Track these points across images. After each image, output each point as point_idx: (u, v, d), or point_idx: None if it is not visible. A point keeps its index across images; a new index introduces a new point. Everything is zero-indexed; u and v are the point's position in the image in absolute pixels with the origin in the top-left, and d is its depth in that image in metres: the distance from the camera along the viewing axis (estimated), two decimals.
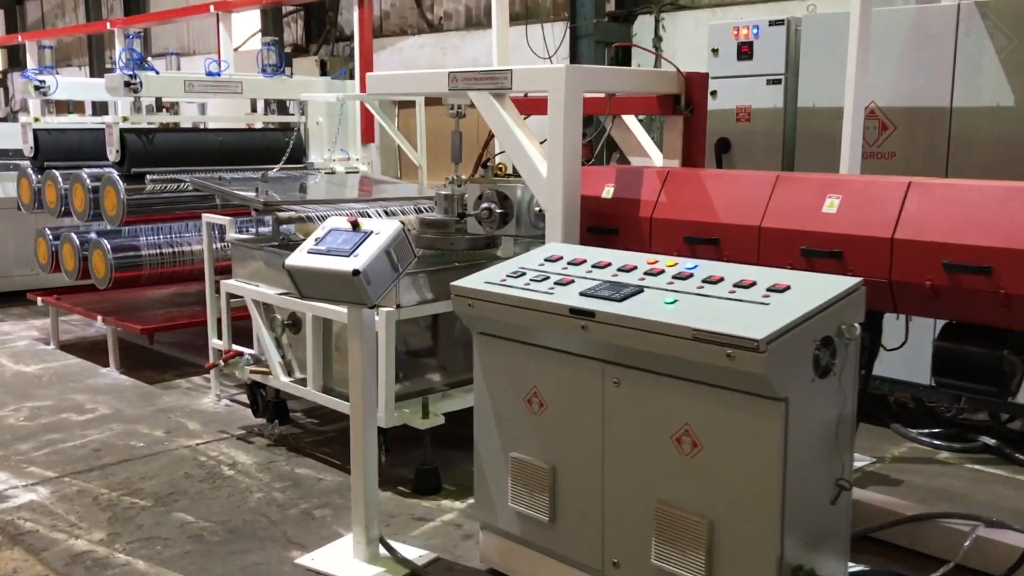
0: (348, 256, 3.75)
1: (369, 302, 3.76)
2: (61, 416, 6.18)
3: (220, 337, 6.11)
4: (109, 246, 7.08)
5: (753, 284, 3.21)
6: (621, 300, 3.27)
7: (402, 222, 3.91)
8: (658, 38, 8.90)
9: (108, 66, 16.52)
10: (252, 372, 5.63)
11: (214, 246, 7.25)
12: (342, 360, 5.18)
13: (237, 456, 5.42)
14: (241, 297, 5.72)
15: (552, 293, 3.48)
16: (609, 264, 3.64)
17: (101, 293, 7.97)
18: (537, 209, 4.98)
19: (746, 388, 2.95)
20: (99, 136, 8.04)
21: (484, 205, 4.98)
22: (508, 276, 3.73)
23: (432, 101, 7.95)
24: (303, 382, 5.40)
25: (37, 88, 7.85)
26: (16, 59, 20.23)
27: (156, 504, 4.75)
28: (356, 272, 3.67)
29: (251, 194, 5.93)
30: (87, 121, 8.99)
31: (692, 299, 3.20)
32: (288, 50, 12.61)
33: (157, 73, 6.95)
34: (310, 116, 7.81)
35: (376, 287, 3.75)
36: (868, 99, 5.22)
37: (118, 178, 6.85)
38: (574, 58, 9.10)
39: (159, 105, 7.19)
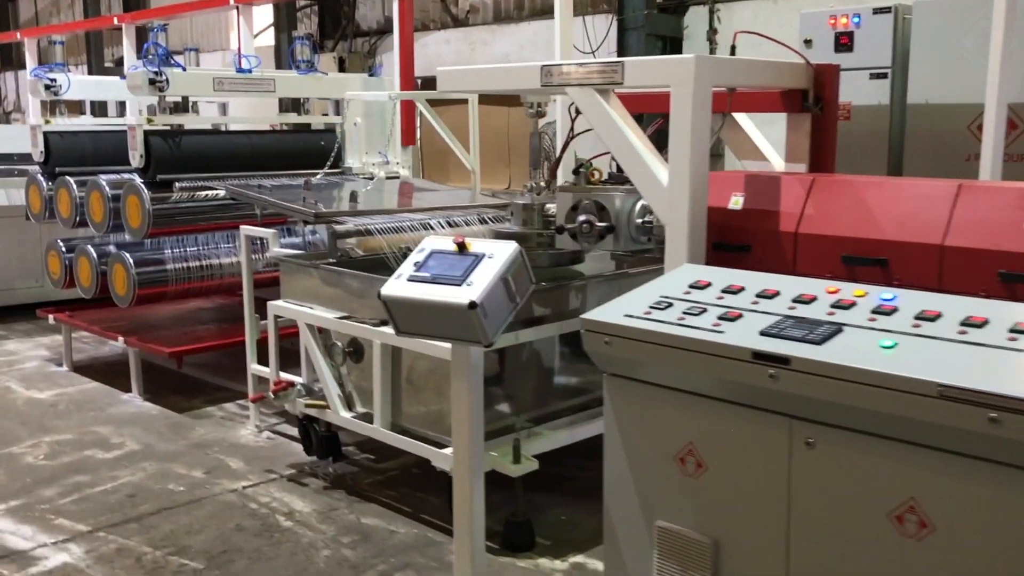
0: (459, 284, 3.12)
1: (485, 340, 3.13)
2: (85, 453, 5.53)
3: (263, 363, 5.47)
4: (131, 260, 6.43)
5: (986, 322, 2.59)
6: (821, 343, 2.65)
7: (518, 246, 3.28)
8: (712, 30, 8.29)
9: (108, 64, 15.82)
10: (307, 406, 4.99)
11: (240, 259, 6.65)
12: (415, 394, 4.55)
13: (292, 502, 4.78)
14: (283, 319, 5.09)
15: (721, 331, 2.85)
16: (778, 293, 3.02)
17: (115, 308, 7.30)
18: (639, 222, 4.36)
19: (1004, 459, 2.34)
20: (116, 139, 7.41)
21: (583, 217, 4.35)
22: (652, 308, 3.10)
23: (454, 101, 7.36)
24: (367, 417, 4.77)
25: (48, 87, 7.18)
26: (8, 59, 19.49)
27: (210, 567, 4.11)
28: (473, 305, 3.04)
29: (298, 204, 5.29)
30: (101, 123, 8.32)
31: (913, 342, 2.59)
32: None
33: (184, 70, 6.30)
34: (347, 117, 7.17)
35: (493, 322, 3.13)
36: (1012, 95, 4.62)
37: (142, 186, 6.20)
38: (621, 52, 8.49)
39: (184, 105, 6.54)
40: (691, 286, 3.21)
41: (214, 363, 7.15)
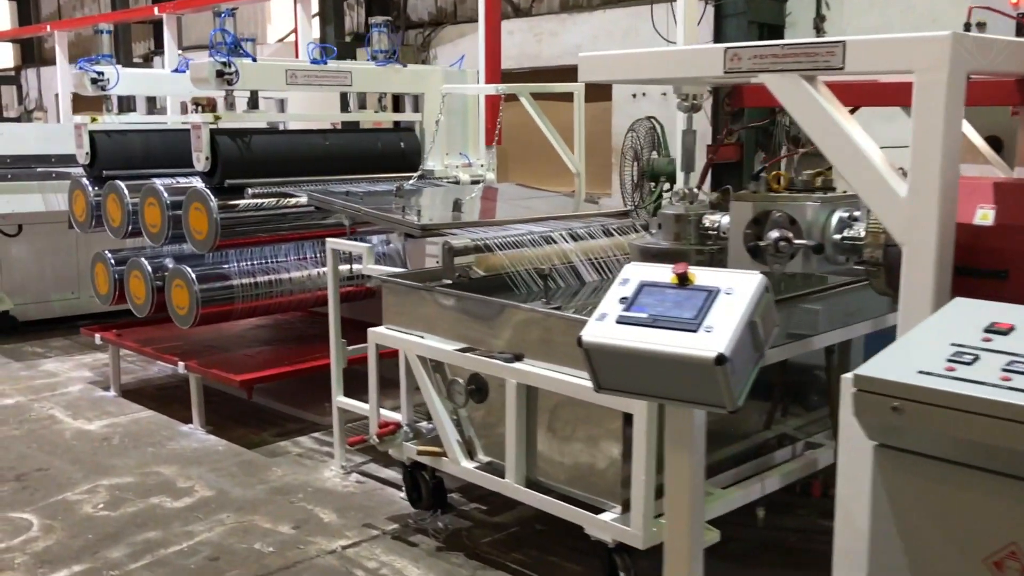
0: (695, 330, 2.38)
1: (730, 403, 2.39)
2: (151, 501, 4.80)
3: (354, 396, 4.75)
4: (194, 276, 5.71)
5: None
6: None
7: (763, 277, 2.54)
8: (820, 17, 7.53)
9: (136, 60, 15.12)
10: (420, 453, 4.25)
11: (310, 273, 5.95)
12: (557, 443, 3.81)
13: (405, 569, 4.04)
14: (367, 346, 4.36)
15: None
16: None
17: (164, 324, 6.60)
18: (837, 238, 3.60)
19: None
20: (169, 139, 6.71)
21: (776, 234, 3.59)
22: (953, 361, 2.35)
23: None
24: (494, 469, 4.04)
25: (94, 81, 6.46)
26: (30, 55, 18.82)
27: None
28: (721, 359, 2.30)
29: (397, 214, 4.56)
30: (150, 120, 7.61)
31: None
32: (348, 39, 11.24)
33: (254, 60, 5.56)
34: (427, 114, 6.44)
35: (738, 378, 2.39)
36: None
37: (209, 193, 5.47)
38: (719, 39, 7.73)
39: (253, 100, 5.81)
40: (989, 331, 2.46)
41: (279, 388, 6.42)
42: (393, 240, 6.59)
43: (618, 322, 2.49)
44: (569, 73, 9.32)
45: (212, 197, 5.45)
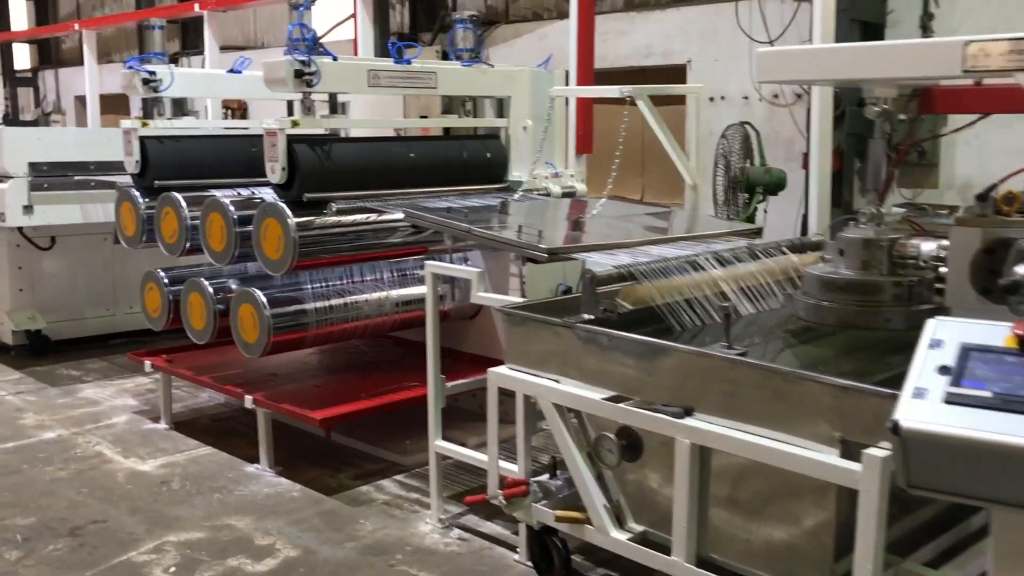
0: None
1: None
2: (229, 563, 4.19)
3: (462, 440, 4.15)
4: (265, 300, 5.10)
5: None
6: None
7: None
8: (927, 15, 6.92)
9: None
10: (559, 519, 3.63)
11: (388, 295, 5.35)
12: (739, 517, 3.19)
13: None
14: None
15: None
16: None
17: (218, 349, 6.01)
18: None
19: None
20: (230, 147, 6.12)
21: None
22: None
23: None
24: (649, 541, 3.42)
25: (146, 82, 5.85)
26: (47, 55, 18.23)
27: None
28: None
29: (514, 235, 3.95)
30: (206, 126, 7.02)
31: None
32: (392, 39, 10.61)
33: (335, 59, 4.95)
34: (514, 119, 5.83)
35: None
36: None
37: (286, 208, 4.86)
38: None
39: (333, 105, 5.19)
40: None
41: (350, 422, 5.80)
42: (475, 259, 5.98)
43: (947, 402, 1.88)
44: (637, 75, 8.67)
45: (289, 213, 4.83)
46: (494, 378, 3.83)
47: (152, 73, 5.86)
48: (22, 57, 18.37)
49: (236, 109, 13.01)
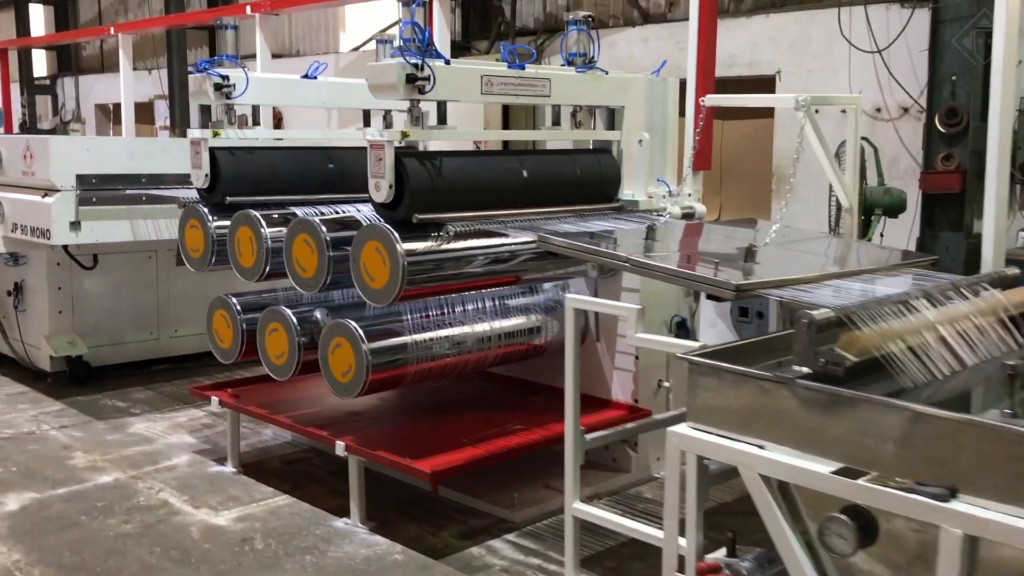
0: None
1: None
2: None
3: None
4: (363, 333, 4.49)
5: None
6: None
7: None
8: None
9: (190, 70, 13.94)
10: None
11: (491, 326, 4.79)
12: None
13: None
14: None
15: None
16: None
17: (289, 385, 5.42)
18: None
19: None
20: (305, 160, 5.53)
21: None
22: None
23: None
24: None
25: (218, 87, 5.26)
26: (66, 62, 17.66)
27: None
28: None
29: (692, 269, 3.35)
30: (288, 136, 6.43)
31: None
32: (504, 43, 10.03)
33: (448, 63, 4.36)
34: (627, 131, 5.24)
35: None
36: None
37: (392, 230, 4.26)
38: (936, 48, 6.54)
39: (441, 113, 4.59)
40: None
41: None
42: (577, 286, 5.40)
43: None
44: (719, 87, 8.06)
45: (397, 236, 4.23)
46: (677, 440, 3.21)
47: (224, 77, 5.26)
48: (39, 64, 17.80)
49: (272, 118, 12.44)
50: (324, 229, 4.60)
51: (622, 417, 5.14)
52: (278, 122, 12.40)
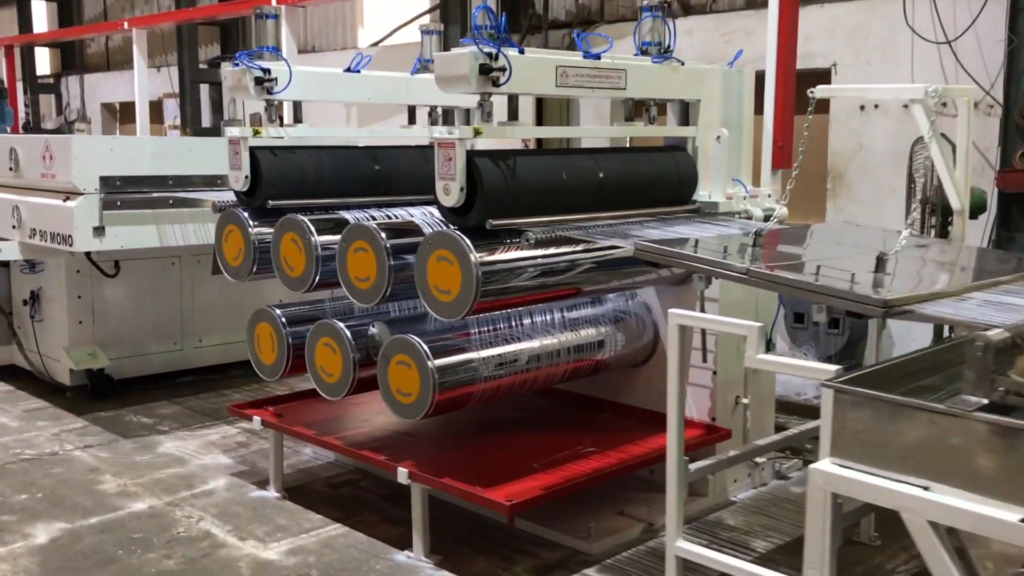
0: None
1: None
2: None
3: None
4: (428, 350, 4.09)
5: None
6: None
7: None
8: None
9: (201, 66, 13.51)
10: None
11: (559, 340, 4.40)
12: None
13: None
14: None
15: None
16: None
17: (327, 401, 5.02)
18: None
19: None
20: (350, 160, 5.14)
21: None
22: None
23: None
24: None
25: (259, 82, 4.85)
26: (70, 60, 17.19)
27: None
28: None
29: (834, 283, 2.95)
30: (336, 134, 6.02)
31: None
32: (576, 30, 9.62)
33: (521, 52, 3.95)
34: (703, 127, 4.85)
35: None
36: None
37: (463, 238, 3.85)
38: (1014, 37, 6.15)
39: (512, 108, 4.18)
40: None
41: None
42: (644, 295, 5.01)
43: None
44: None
45: (470, 245, 3.83)
46: (821, 479, 2.82)
47: (266, 71, 4.85)
48: (42, 62, 17.33)
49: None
50: (384, 235, 4.19)
51: (700, 437, 4.75)
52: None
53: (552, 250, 4.04)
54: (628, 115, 4.72)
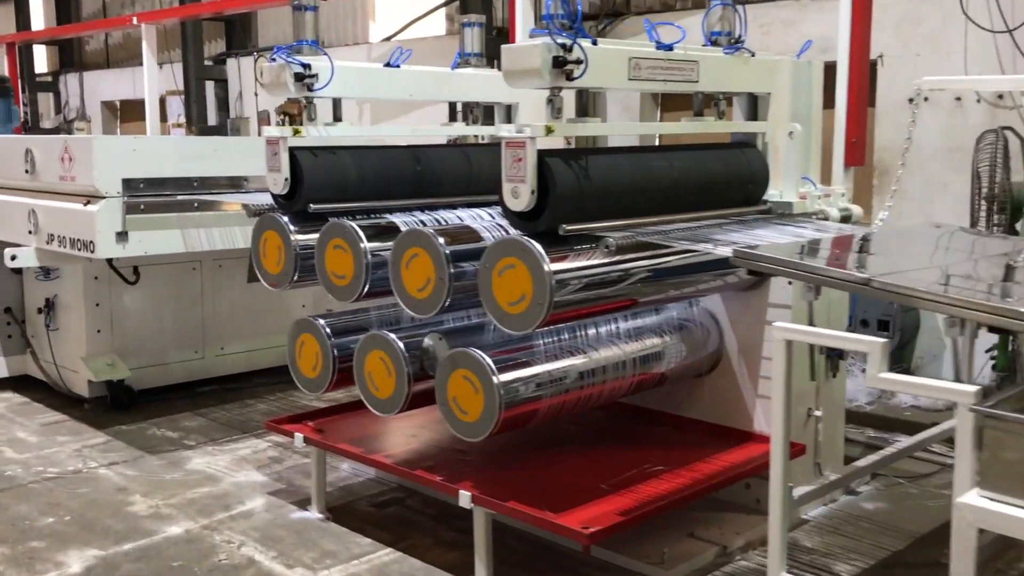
0: None
1: None
2: None
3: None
4: (493, 365, 3.80)
5: None
6: None
7: None
8: None
9: (207, 63, 13.18)
10: None
11: (624, 351, 4.14)
12: None
13: None
14: None
15: None
16: None
17: (365, 412, 4.76)
18: None
19: None
20: (392, 161, 4.85)
21: None
22: None
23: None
24: None
25: (299, 78, 4.55)
26: (69, 58, 16.84)
27: None
28: None
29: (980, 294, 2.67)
30: (382, 133, 5.73)
31: None
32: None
33: (594, 42, 3.66)
34: (773, 122, 4.56)
35: None
36: None
37: (536, 246, 3.56)
38: None
39: (583, 104, 3.89)
40: None
41: None
42: (709, 303, 4.73)
43: None
44: None
45: (544, 253, 3.54)
46: (972, 515, 2.54)
47: (306, 66, 4.54)
48: (40, 60, 16.96)
49: (296, 115, 11.68)
50: (442, 241, 3.90)
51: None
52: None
53: (629, 256, 3.74)
54: (697, 110, 4.42)
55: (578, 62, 3.55)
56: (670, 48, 4.01)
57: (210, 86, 13.10)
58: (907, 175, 7.30)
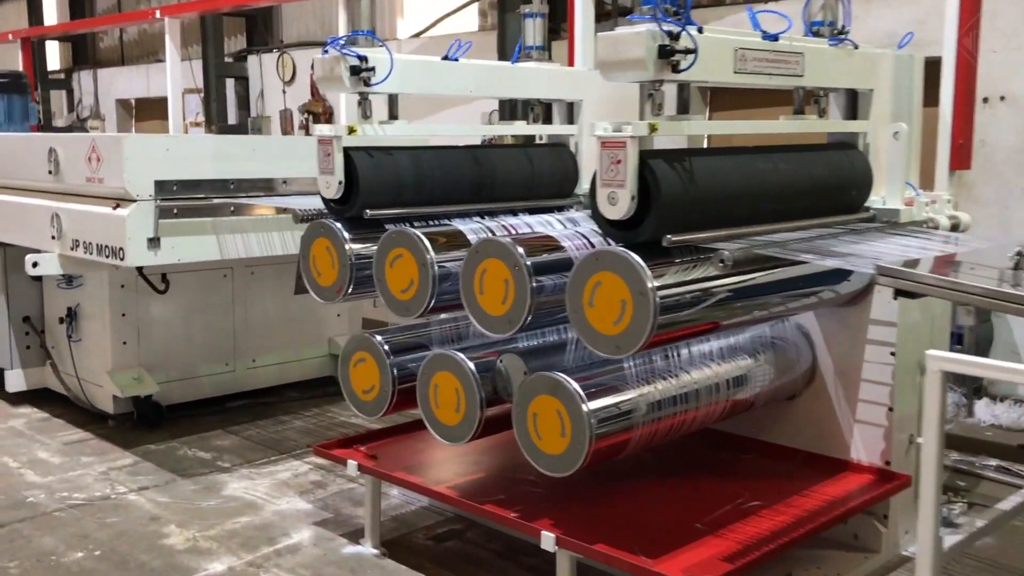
0: None
1: None
2: None
3: None
4: (581, 391, 3.39)
5: None
6: None
7: None
8: None
9: (227, 60, 12.80)
10: None
11: (716, 371, 3.75)
12: None
13: None
14: None
15: None
16: None
17: (417, 433, 4.40)
18: None
19: None
20: (451, 163, 4.45)
21: None
22: None
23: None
24: None
25: (355, 71, 4.13)
26: (83, 54, 16.45)
27: None
28: None
29: None
30: (441, 132, 5.32)
31: None
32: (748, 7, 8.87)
33: (700, 30, 3.25)
34: (875, 119, 4.15)
35: None
36: None
37: (639, 261, 3.14)
38: None
39: (682, 101, 3.47)
40: None
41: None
42: (800, 318, 4.31)
43: None
44: None
45: (647, 269, 3.13)
46: None
47: (363, 59, 4.13)
48: (52, 57, 16.58)
49: (321, 115, 11.31)
50: (522, 251, 3.49)
51: (872, 485, 4.07)
52: (329, 117, 11.24)
53: (744, 270, 3.33)
54: (798, 107, 4.01)
55: (687, 52, 3.14)
56: (775, 38, 3.59)
57: (230, 84, 12.72)
58: (980, 180, 6.91)
